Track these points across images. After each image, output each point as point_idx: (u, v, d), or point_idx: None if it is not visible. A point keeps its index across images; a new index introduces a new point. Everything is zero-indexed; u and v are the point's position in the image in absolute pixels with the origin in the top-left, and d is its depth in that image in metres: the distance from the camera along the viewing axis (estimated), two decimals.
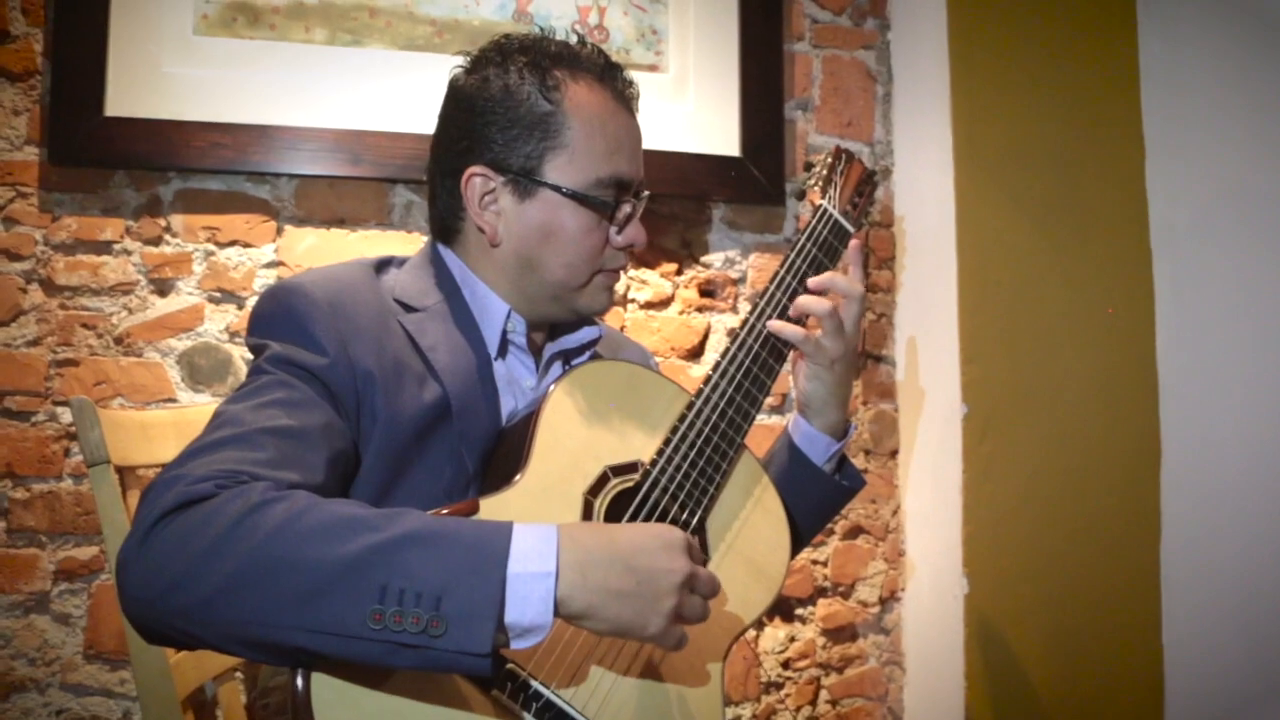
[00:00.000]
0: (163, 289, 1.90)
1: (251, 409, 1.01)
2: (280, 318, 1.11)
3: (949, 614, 2.03)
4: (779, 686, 2.14)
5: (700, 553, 1.02)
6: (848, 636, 2.19)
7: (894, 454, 2.25)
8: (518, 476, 1.07)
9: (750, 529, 1.20)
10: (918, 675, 2.15)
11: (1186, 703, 2.06)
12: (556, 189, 1.18)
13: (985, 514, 2.02)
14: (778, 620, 2.16)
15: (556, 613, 0.90)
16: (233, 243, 1.93)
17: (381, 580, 0.85)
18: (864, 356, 2.24)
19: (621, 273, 1.27)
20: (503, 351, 1.24)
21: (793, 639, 2.15)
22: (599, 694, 1.03)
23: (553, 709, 0.99)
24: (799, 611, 2.17)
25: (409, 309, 1.18)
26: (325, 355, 1.07)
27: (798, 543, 1.28)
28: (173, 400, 1.88)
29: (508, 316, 1.22)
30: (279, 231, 1.95)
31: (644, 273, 2.11)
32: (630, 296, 2.11)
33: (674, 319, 2.12)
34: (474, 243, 1.24)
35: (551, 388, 1.12)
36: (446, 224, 1.27)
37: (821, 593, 2.18)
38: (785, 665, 2.14)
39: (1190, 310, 2.14)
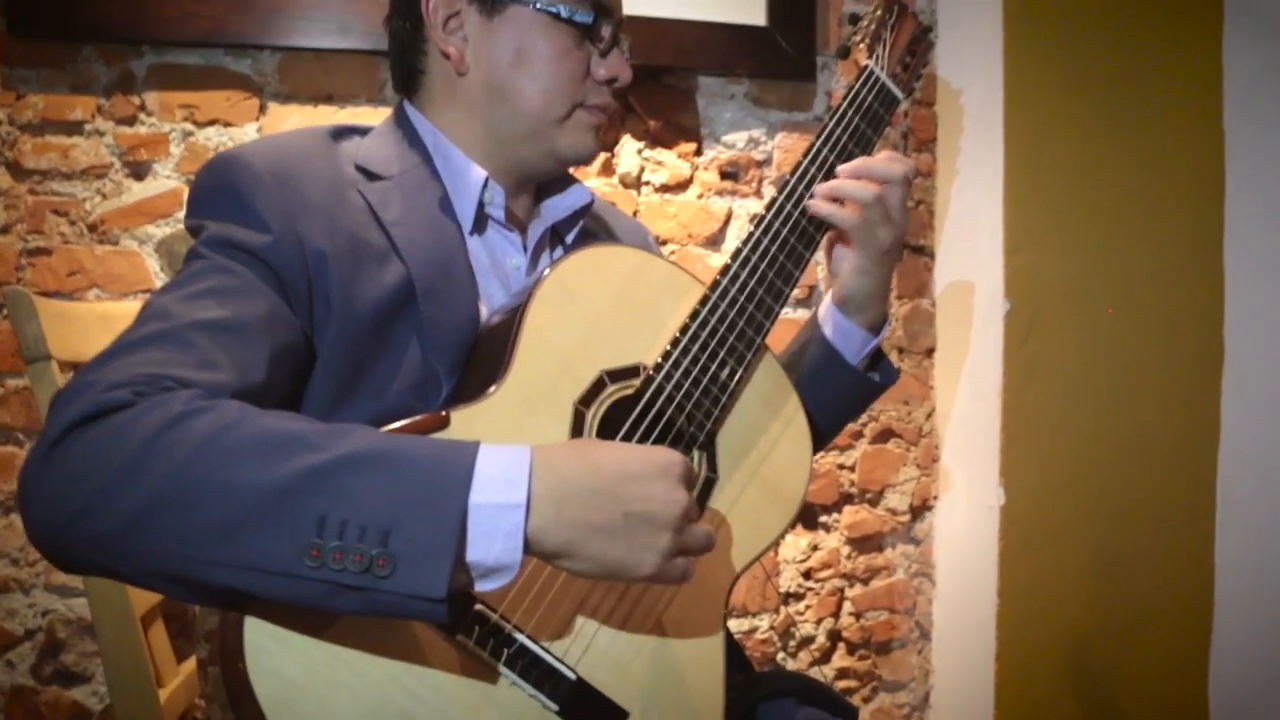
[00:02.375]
0: (139, 172, 1.78)
1: (181, 300, 0.90)
2: (216, 193, 0.99)
3: (983, 525, 1.96)
4: (799, 597, 2.08)
5: (696, 476, 0.92)
6: (874, 546, 2.13)
7: (930, 353, 2.15)
8: (495, 384, 0.94)
9: (768, 444, 1.08)
10: (948, 589, 2.10)
11: (1237, 626, 1.99)
12: (526, 2, 1.07)
13: (1026, 420, 1.93)
14: (800, 528, 2.08)
15: (527, 550, 0.80)
16: (212, 122, 1.80)
17: (320, 510, 0.74)
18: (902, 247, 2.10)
19: (605, 113, 1.14)
20: (480, 227, 1.12)
21: (815, 548, 2.09)
22: (582, 638, 0.92)
23: (527, 655, 0.89)
24: (823, 519, 2.09)
25: (372, 177, 1.06)
26: (268, 233, 0.95)
27: (817, 446, 1.17)
28: (152, 291, 1.76)
29: (484, 185, 1.10)
30: (262, 109, 1.82)
31: (660, 153, 1.98)
32: (645, 179, 1.98)
33: (692, 203, 1.99)
34: (439, 83, 1.12)
35: (541, 276, 0.99)
36: (408, 65, 1.15)
37: (848, 499, 2.11)
38: (806, 575, 2.08)
39: (1264, 199, 2.00)
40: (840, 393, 1.23)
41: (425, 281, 1.01)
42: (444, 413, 0.90)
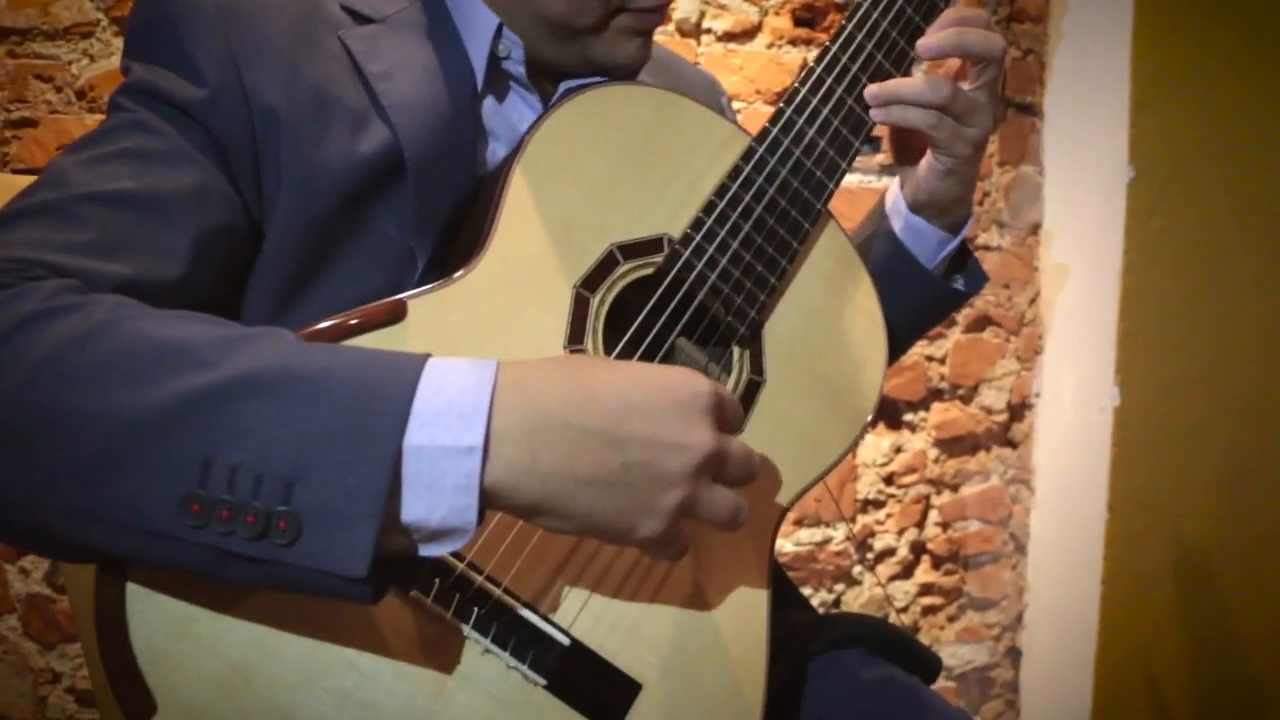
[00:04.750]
0: None
1: (86, 163, 0.75)
2: (148, 27, 0.83)
3: (1093, 429, 1.91)
4: (879, 505, 2.01)
5: (738, 414, 0.73)
6: (966, 448, 2.06)
7: (1035, 229, 2.07)
8: (469, 263, 0.77)
9: (830, 337, 0.90)
10: (1049, 498, 2.05)
11: None
12: None
13: (1149, 307, 1.86)
14: (882, 427, 2.00)
15: (489, 506, 0.63)
16: None
17: (205, 450, 0.59)
18: (1002, 104, 2.00)
19: (658, 14, 0.94)
20: (496, 86, 0.93)
21: (899, 449, 2.01)
22: (578, 592, 0.75)
23: (505, 616, 0.72)
24: (908, 417, 2.02)
25: (360, 19, 0.89)
26: (203, 85, 0.79)
27: (890, 356, 1.01)
28: None
29: (497, 34, 0.90)
30: None
31: None
32: (705, 26, 1.84)
33: (760, 54, 1.86)
34: None
35: (535, 123, 0.82)
36: None
37: (936, 395, 2.04)
38: (888, 480, 2.01)
39: None
40: (912, 301, 1.06)
41: (417, 149, 0.84)
42: (399, 300, 0.73)
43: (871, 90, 0.91)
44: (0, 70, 1.59)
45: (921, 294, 1.04)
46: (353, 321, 0.71)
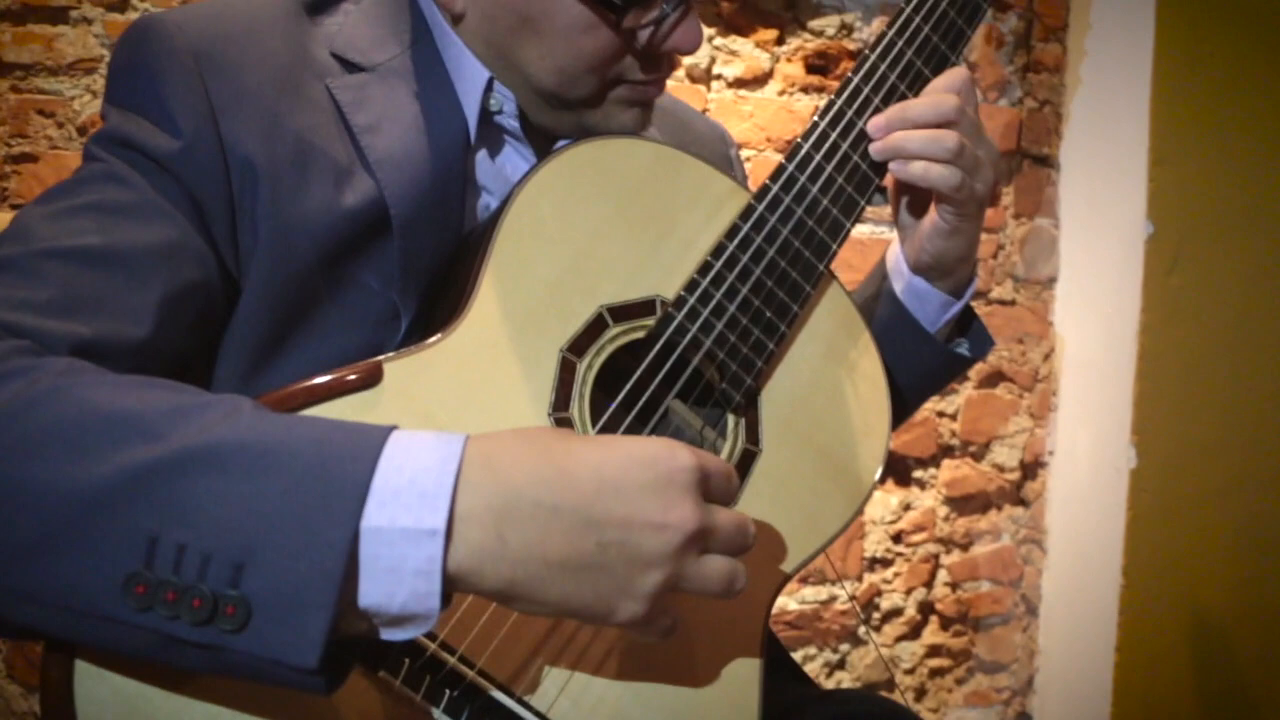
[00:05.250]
0: None
1: (53, 216, 0.74)
2: (123, 74, 0.81)
3: (1108, 490, 1.87)
4: (887, 563, 1.97)
5: (730, 481, 0.69)
6: (977, 507, 2.03)
7: (1051, 283, 2.04)
8: (450, 325, 0.74)
9: (831, 405, 0.87)
10: (1062, 560, 2.01)
11: None
12: None
13: (1167, 366, 1.82)
14: (891, 484, 1.97)
15: (454, 590, 0.60)
16: None
17: (150, 528, 0.56)
18: (1017, 156, 1.96)
19: (658, 86, 0.91)
20: (491, 140, 0.91)
21: (908, 507, 1.98)
22: (557, 673, 0.72)
23: (478, 698, 0.69)
24: (918, 474, 1.99)
25: (349, 67, 0.86)
26: (176, 136, 0.77)
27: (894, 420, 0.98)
28: None
29: (488, 87, 0.88)
30: None
31: (734, 41, 1.83)
32: (716, 72, 1.82)
33: (772, 101, 1.84)
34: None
35: (524, 177, 0.80)
36: None
37: (947, 452, 2.01)
38: (896, 538, 1.98)
39: None
40: (916, 366, 1.03)
41: (403, 205, 0.82)
42: (376, 363, 0.70)
43: (877, 146, 0.88)
44: (2, 105, 1.58)
45: (925, 358, 1.01)
46: (325, 384, 0.68)
